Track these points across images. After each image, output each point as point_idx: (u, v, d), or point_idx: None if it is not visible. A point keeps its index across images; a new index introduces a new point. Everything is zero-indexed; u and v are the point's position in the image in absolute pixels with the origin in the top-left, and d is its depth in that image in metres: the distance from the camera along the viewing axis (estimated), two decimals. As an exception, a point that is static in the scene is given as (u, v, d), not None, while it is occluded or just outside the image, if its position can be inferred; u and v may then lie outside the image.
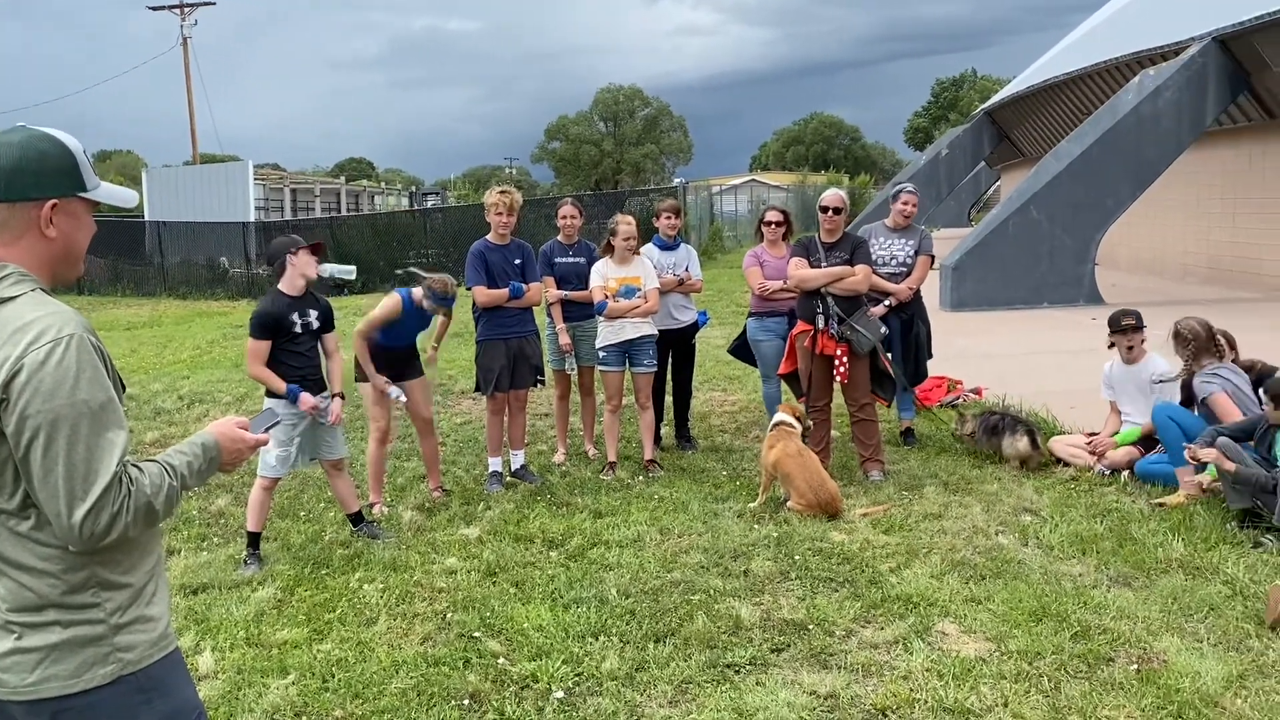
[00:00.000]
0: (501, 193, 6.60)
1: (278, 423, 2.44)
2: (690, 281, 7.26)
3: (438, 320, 6.51)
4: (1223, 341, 6.00)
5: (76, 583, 1.86)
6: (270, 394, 5.39)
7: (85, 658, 1.86)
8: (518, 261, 6.58)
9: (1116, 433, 6.46)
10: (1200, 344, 5.90)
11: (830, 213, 6.51)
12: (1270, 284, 15.84)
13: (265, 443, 2.21)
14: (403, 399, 6.15)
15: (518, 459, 6.90)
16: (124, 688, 1.89)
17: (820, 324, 6.44)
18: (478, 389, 6.83)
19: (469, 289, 6.56)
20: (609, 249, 6.85)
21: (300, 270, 5.39)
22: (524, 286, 6.54)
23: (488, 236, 6.61)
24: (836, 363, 6.42)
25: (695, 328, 7.50)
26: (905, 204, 7.28)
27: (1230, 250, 17.24)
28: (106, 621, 1.88)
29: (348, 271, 5.84)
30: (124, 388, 2.00)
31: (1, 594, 1.84)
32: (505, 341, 6.56)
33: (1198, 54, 15.06)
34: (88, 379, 1.80)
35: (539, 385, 6.93)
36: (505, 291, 6.47)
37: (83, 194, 1.95)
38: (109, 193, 2.02)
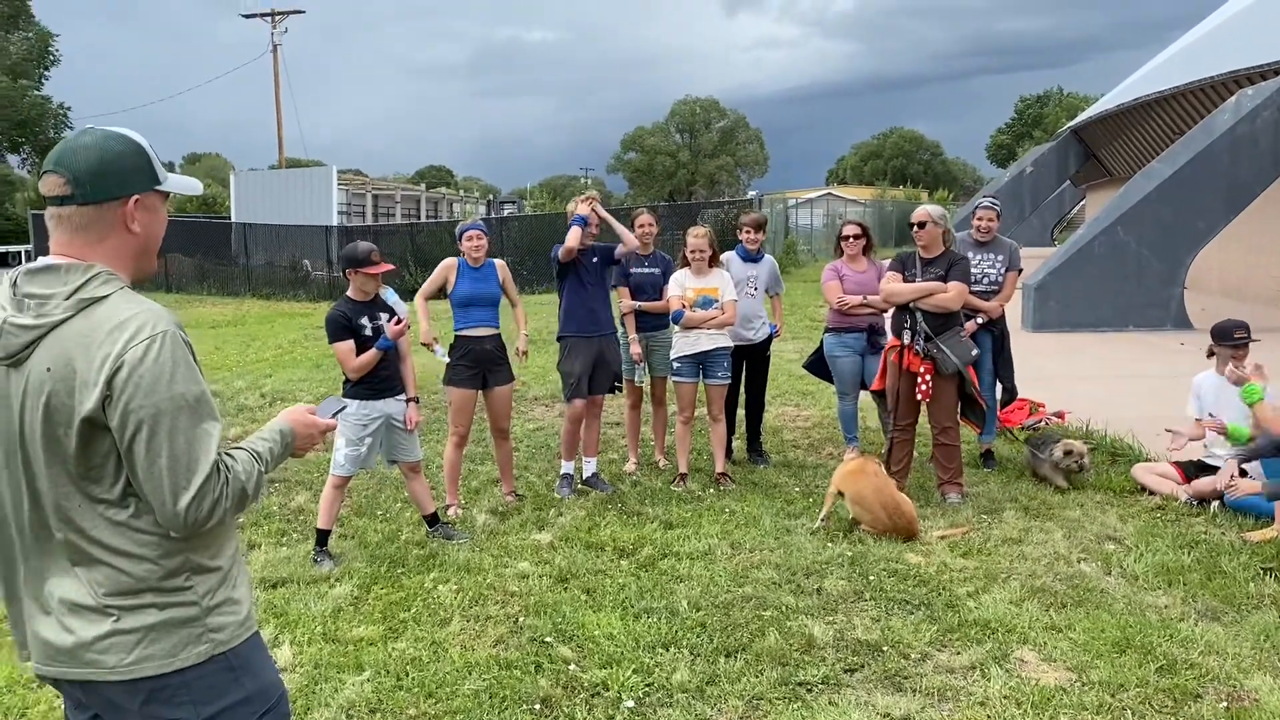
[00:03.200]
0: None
1: (344, 408, 2.56)
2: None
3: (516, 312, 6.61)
4: None
5: (172, 567, 1.94)
6: (345, 392, 5.53)
7: (180, 638, 1.95)
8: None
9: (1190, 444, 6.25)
10: None
11: (915, 228, 6.43)
12: (1371, 313, 15.20)
13: (334, 427, 2.32)
14: (445, 359, 6.31)
15: (590, 466, 6.93)
16: (215, 666, 1.98)
17: (906, 340, 6.36)
18: (567, 397, 6.84)
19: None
20: (687, 261, 6.89)
21: (358, 286, 5.57)
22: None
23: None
24: (919, 380, 6.32)
25: (769, 340, 7.47)
26: (980, 219, 7.14)
27: (1328, 276, 16.58)
28: (199, 604, 1.97)
29: (402, 308, 6.08)
30: None
31: (98, 579, 1.92)
32: (588, 339, 6.64)
33: (1299, 73, 14.56)
34: (183, 373, 1.89)
35: (617, 392, 6.97)
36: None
37: (158, 187, 2.04)
38: (179, 183, 2.10)
